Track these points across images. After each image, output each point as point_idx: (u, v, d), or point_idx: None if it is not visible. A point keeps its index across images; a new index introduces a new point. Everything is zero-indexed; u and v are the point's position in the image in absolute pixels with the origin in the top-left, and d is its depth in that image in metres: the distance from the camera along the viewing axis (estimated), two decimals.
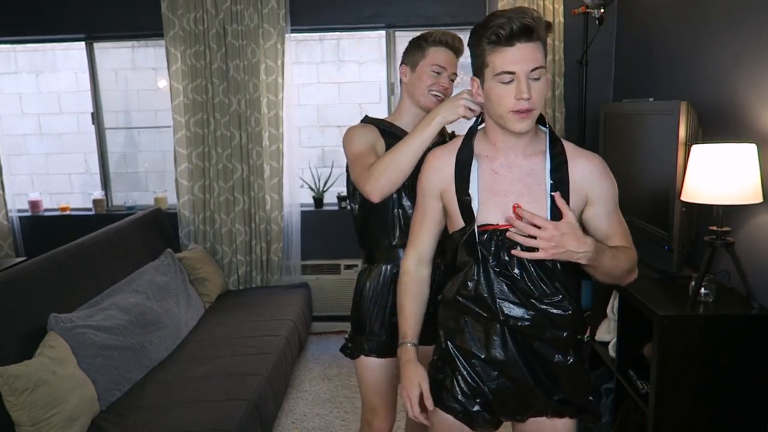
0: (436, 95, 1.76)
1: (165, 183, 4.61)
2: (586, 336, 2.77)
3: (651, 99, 2.63)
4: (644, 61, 3.10)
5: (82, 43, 4.00)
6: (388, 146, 1.72)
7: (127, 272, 3.00)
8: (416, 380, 1.45)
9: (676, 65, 2.71)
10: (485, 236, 1.38)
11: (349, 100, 4.53)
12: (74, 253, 2.75)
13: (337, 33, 4.29)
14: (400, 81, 1.84)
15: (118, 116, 4.59)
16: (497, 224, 1.38)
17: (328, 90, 4.55)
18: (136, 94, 4.64)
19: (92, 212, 4.12)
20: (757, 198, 1.93)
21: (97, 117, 4.09)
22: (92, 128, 4.11)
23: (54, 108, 4.77)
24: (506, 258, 1.37)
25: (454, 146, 1.47)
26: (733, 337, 1.96)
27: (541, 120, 1.42)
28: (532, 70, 1.28)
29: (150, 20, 3.72)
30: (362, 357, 1.85)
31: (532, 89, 1.28)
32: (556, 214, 1.35)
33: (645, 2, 3.12)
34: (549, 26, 1.33)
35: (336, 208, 4.05)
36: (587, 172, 1.39)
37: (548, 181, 1.37)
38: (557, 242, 1.26)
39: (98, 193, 4.15)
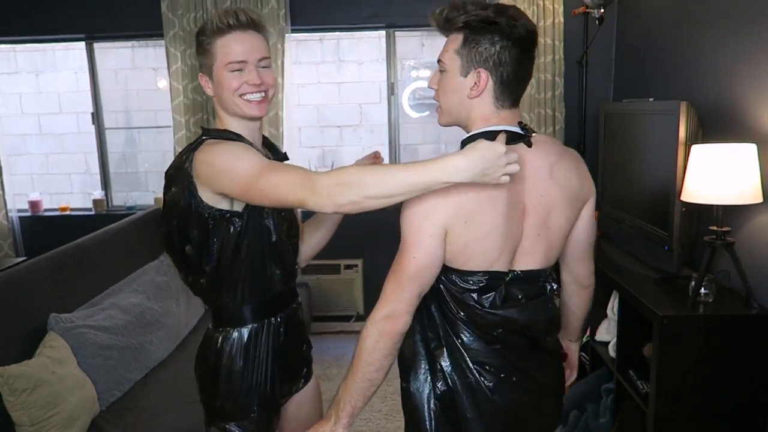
0: (250, 99, 1.37)
1: None
2: (585, 336, 2.77)
3: (651, 99, 2.63)
4: (644, 61, 3.10)
5: (82, 43, 4.00)
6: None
7: (127, 272, 2.99)
8: None
9: (676, 65, 2.71)
10: None
11: (349, 100, 4.54)
12: (74, 253, 2.74)
13: (337, 33, 4.29)
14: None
15: (118, 116, 4.60)
16: None
17: (328, 90, 4.55)
18: (136, 94, 4.64)
19: (92, 212, 4.12)
20: (757, 198, 1.93)
21: (97, 117, 4.09)
22: (92, 128, 4.11)
23: (54, 108, 4.77)
24: None
25: None
26: (733, 337, 1.96)
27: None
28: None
29: (150, 20, 3.72)
30: None
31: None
32: None
33: (645, 2, 3.12)
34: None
35: None
36: None
37: None
38: None
39: (98, 193, 4.15)
